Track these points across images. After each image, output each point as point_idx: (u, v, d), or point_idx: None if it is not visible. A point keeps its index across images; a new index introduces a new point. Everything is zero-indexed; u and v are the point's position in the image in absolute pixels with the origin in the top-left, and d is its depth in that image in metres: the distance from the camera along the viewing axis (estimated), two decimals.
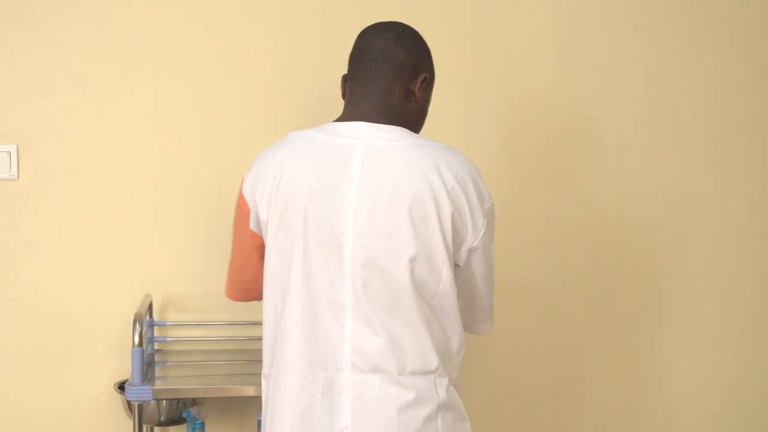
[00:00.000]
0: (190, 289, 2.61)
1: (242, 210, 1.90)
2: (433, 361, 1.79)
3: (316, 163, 1.80)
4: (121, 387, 2.40)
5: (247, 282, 1.98)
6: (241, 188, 1.90)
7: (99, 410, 2.57)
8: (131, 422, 2.23)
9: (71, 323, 2.56)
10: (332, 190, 1.78)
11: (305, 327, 1.78)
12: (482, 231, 1.83)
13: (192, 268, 2.61)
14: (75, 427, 2.57)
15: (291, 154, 1.82)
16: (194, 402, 2.42)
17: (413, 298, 1.77)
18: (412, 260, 1.75)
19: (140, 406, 2.20)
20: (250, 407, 2.56)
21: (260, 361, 2.47)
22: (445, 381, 1.81)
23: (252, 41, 2.61)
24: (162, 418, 2.42)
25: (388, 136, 1.81)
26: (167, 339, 2.58)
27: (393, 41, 1.87)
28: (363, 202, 1.76)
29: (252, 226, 1.88)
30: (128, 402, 2.23)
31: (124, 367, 2.51)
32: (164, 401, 2.38)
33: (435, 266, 1.78)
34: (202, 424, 2.40)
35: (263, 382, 1.89)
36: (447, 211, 1.77)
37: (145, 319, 2.33)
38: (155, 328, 2.57)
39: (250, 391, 2.24)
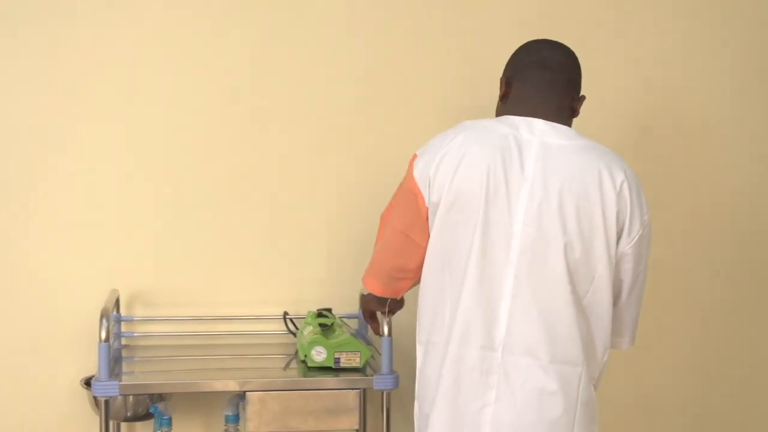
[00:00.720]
0: (156, 284, 2.61)
1: (411, 192, 1.95)
2: (580, 356, 1.87)
3: (496, 151, 1.88)
4: (88, 383, 2.39)
5: (402, 269, 2.01)
6: (411, 172, 1.95)
7: (65, 406, 2.56)
8: (98, 418, 2.22)
9: (37, 319, 2.55)
10: (509, 179, 1.86)
11: (478, 305, 1.86)
12: (636, 238, 1.90)
13: (159, 263, 2.61)
14: (41, 423, 2.56)
15: (470, 138, 1.90)
16: (161, 397, 2.41)
17: (568, 291, 1.86)
18: (571, 254, 1.85)
19: (107, 402, 2.19)
20: (217, 402, 2.55)
21: (227, 357, 2.49)
22: (587, 378, 1.89)
23: (222, 33, 2.60)
24: (129, 414, 2.41)
25: (564, 135, 1.92)
26: (134, 334, 2.58)
27: (570, 58, 2.01)
28: (535, 195, 1.86)
29: (426, 203, 1.93)
30: (95, 398, 2.22)
31: (90, 362, 2.50)
32: (131, 397, 2.37)
33: (591, 263, 1.87)
34: (169, 419, 2.39)
35: (419, 347, 1.97)
36: (612, 211, 1.87)
37: (112, 315, 2.33)
38: (122, 323, 2.57)
39: (217, 386, 2.24)
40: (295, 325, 2.57)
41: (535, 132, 1.90)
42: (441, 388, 1.89)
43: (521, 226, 1.85)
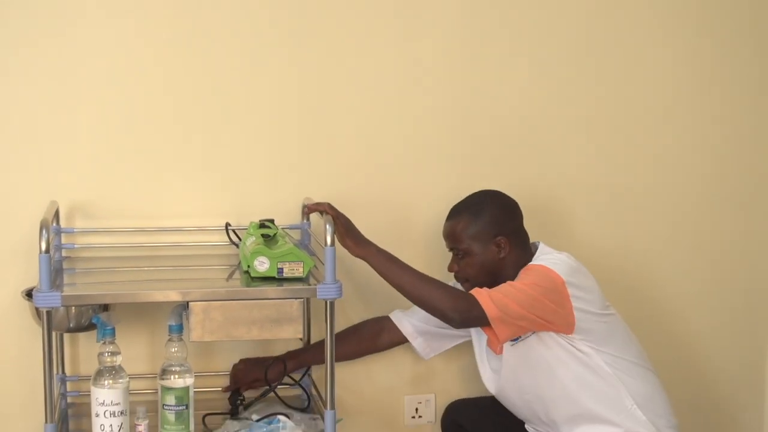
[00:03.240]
0: (97, 195, 2.59)
1: (562, 297, 2.35)
2: None
3: None
4: (29, 294, 2.38)
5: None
6: (562, 279, 2.36)
7: (7, 318, 2.56)
8: (40, 329, 2.22)
9: None
10: None
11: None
12: None
13: (99, 174, 2.59)
14: None
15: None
16: (104, 308, 2.41)
17: None
18: None
19: (49, 313, 2.18)
20: (160, 313, 2.55)
21: (169, 268, 2.50)
22: None
23: None
24: (71, 325, 2.41)
25: None
26: (75, 246, 2.56)
27: None
28: None
29: (575, 305, 2.37)
30: (36, 309, 2.22)
31: (31, 274, 2.48)
32: (73, 308, 2.37)
33: None
34: (112, 329, 2.39)
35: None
36: None
37: (52, 226, 2.31)
38: (62, 235, 2.55)
39: (159, 296, 2.24)
40: (237, 236, 2.57)
41: None
42: None
43: None
